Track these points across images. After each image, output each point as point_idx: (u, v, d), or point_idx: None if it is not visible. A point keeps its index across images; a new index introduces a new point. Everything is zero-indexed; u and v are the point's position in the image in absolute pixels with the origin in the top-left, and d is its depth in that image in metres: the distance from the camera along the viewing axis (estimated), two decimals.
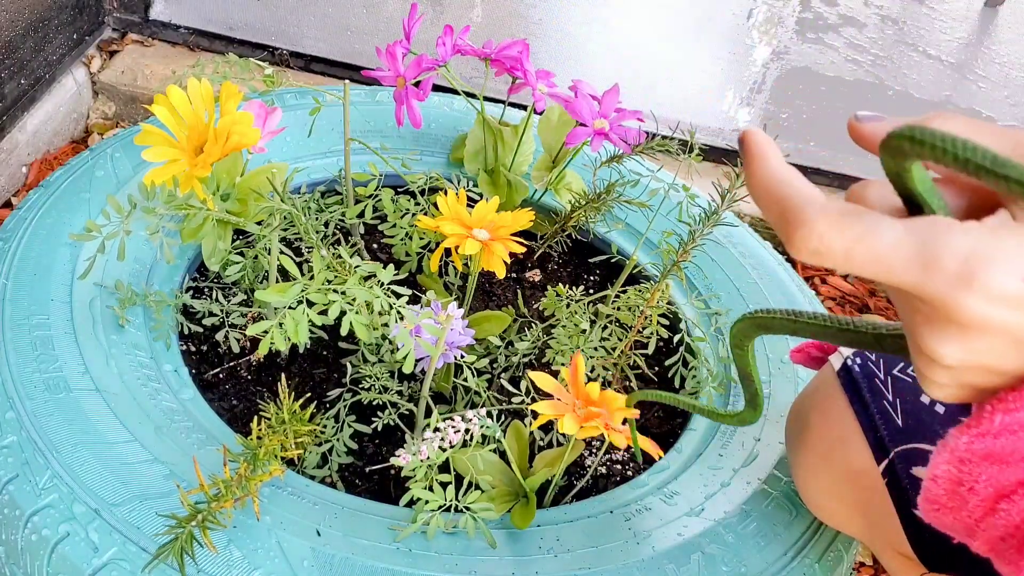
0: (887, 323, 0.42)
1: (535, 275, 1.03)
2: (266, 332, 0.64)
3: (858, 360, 0.70)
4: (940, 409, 0.65)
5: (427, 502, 0.66)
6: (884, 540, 0.69)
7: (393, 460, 0.66)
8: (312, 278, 0.67)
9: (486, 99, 0.99)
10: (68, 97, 1.52)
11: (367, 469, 0.80)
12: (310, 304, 0.66)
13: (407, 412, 0.79)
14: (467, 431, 0.67)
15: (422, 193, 0.91)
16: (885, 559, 0.71)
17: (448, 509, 0.67)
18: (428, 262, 0.91)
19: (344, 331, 0.66)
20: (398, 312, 0.67)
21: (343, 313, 0.66)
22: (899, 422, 0.66)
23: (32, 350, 0.73)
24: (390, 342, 0.80)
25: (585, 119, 0.86)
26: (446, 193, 0.75)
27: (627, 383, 0.88)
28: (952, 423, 0.64)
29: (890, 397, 0.67)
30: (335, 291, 0.66)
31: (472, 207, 0.75)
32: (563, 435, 0.82)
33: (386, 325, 0.68)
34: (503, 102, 1.02)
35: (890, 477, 0.66)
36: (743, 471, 0.78)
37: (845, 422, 0.69)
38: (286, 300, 0.66)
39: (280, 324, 0.65)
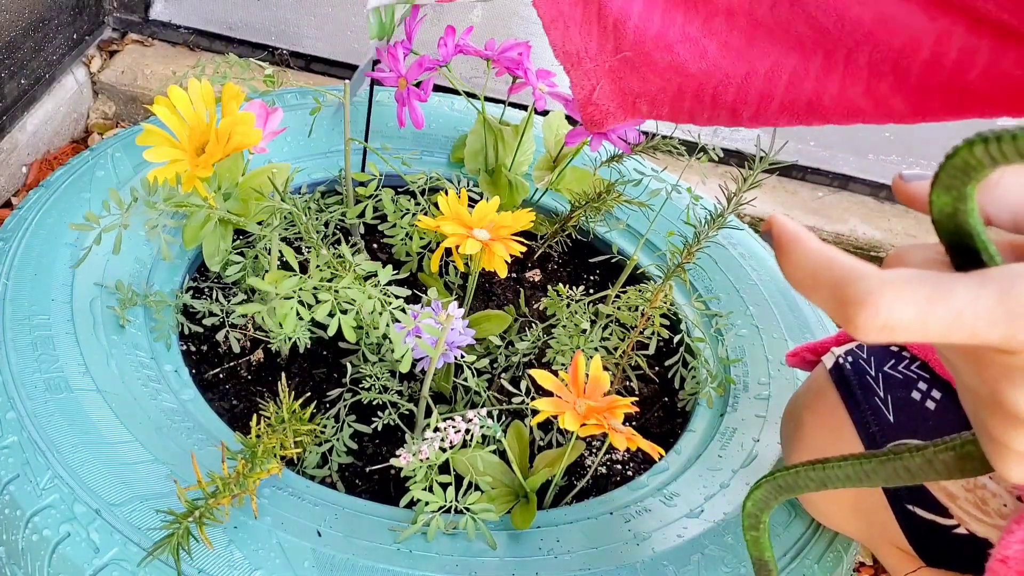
0: (932, 442, 0.36)
1: (535, 275, 1.03)
2: (255, 313, 0.64)
3: (849, 358, 0.71)
4: (931, 405, 0.66)
5: (427, 503, 0.67)
6: (881, 536, 0.69)
7: (393, 461, 0.66)
8: (310, 276, 0.67)
9: (487, 99, 0.99)
10: (68, 97, 1.52)
11: (367, 469, 0.80)
12: (309, 306, 0.66)
13: (407, 412, 0.79)
14: (467, 431, 0.67)
15: (422, 193, 0.91)
16: (883, 555, 0.72)
17: (448, 510, 0.67)
18: (428, 262, 0.91)
19: (331, 331, 0.66)
20: (392, 313, 0.67)
21: (334, 313, 0.66)
22: (890, 418, 0.66)
23: (32, 350, 0.73)
24: (390, 341, 0.80)
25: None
26: (447, 193, 0.75)
27: (628, 383, 0.88)
28: (941, 419, 0.64)
29: (881, 394, 0.67)
30: (329, 290, 0.66)
31: (473, 207, 0.75)
32: (563, 435, 0.82)
33: (386, 325, 0.68)
34: (503, 102, 1.02)
35: None
36: (742, 472, 0.78)
37: (837, 419, 0.69)
38: (280, 290, 0.66)
39: (273, 309, 0.65)
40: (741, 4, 0.66)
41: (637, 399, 0.85)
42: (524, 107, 1.07)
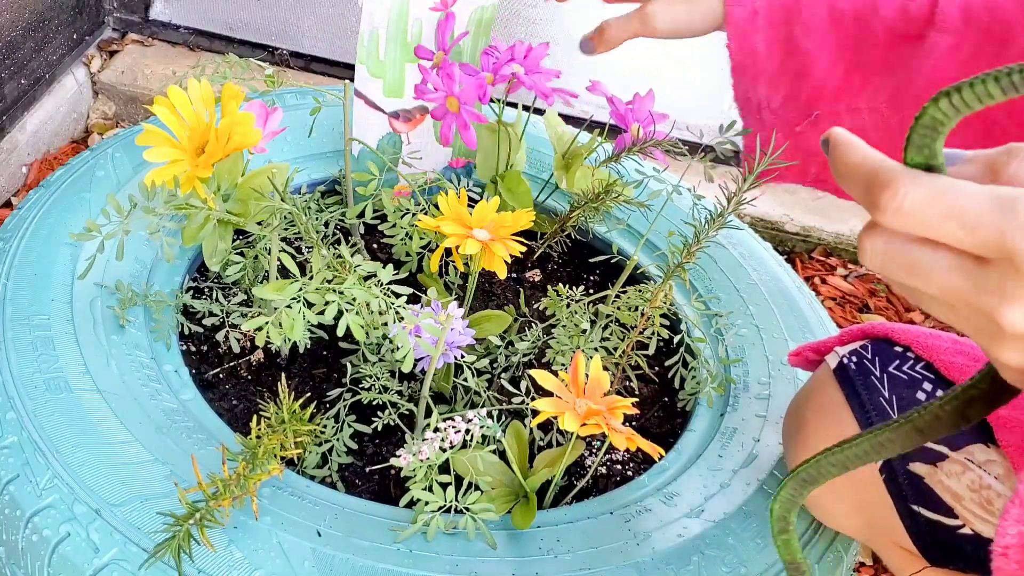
0: (948, 392, 0.37)
1: (535, 275, 1.03)
2: (261, 328, 0.64)
3: (853, 358, 0.71)
4: None
5: (427, 503, 0.66)
6: (884, 536, 0.69)
7: (393, 461, 0.66)
8: (312, 278, 0.67)
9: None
10: (68, 97, 1.52)
11: (367, 469, 0.80)
12: (309, 305, 0.66)
13: (407, 412, 0.79)
14: (467, 431, 0.67)
15: (422, 193, 0.91)
16: (886, 555, 0.72)
17: (448, 510, 0.67)
18: (428, 262, 0.91)
19: (341, 331, 0.66)
20: (396, 312, 0.67)
21: (341, 313, 0.66)
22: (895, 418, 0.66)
23: (33, 350, 0.73)
24: (390, 341, 0.80)
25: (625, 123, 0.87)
26: (447, 193, 0.75)
27: (628, 383, 0.88)
28: None
29: (886, 394, 0.67)
30: (333, 291, 0.66)
31: (472, 207, 0.75)
32: (563, 435, 0.82)
33: (386, 325, 0.68)
34: (499, 101, 1.01)
35: (887, 473, 0.66)
36: (742, 472, 0.78)
37: (841, 419, 0.69)
38: (284, 297, 0.66)
39: (279, 324, 0.65)
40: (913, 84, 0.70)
41: (637, 399, 0.85)
42: (515, 105, 1.06)
